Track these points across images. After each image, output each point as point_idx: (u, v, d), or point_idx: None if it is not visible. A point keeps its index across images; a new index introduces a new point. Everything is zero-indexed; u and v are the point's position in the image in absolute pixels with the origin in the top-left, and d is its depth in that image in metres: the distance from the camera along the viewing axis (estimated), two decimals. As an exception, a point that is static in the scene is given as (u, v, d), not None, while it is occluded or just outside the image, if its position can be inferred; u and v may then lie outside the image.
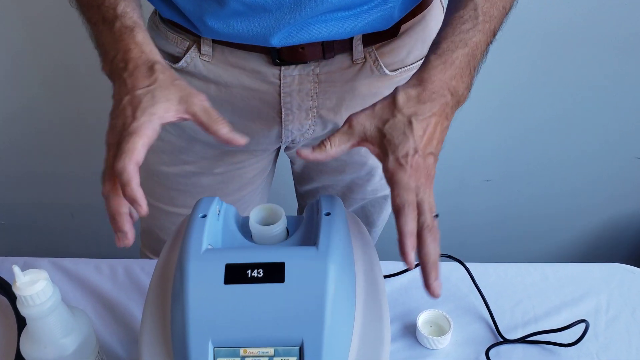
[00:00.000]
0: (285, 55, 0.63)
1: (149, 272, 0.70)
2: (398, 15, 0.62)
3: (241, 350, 0.42)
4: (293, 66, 0.64)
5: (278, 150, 0.81)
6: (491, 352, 0.60)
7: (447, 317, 0.62)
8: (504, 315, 0.64)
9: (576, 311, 0.65)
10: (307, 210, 0.53)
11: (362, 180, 0.80)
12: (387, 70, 0.67)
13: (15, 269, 0.46)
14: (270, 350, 0.42)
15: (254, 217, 0.50)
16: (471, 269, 0.65)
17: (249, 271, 0.43)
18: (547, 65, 1.14)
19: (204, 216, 0.48)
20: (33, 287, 0.47)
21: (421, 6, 0.67)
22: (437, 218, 0.46)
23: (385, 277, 0.52)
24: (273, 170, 0.85)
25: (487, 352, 0.60)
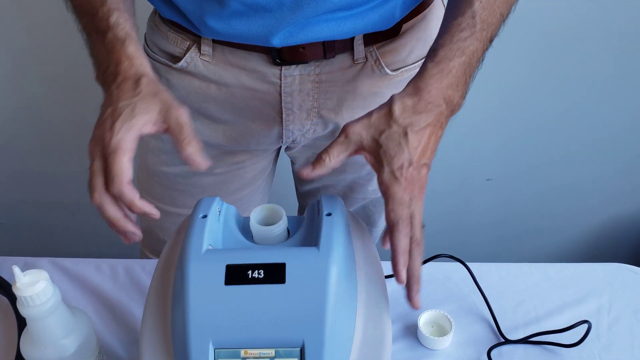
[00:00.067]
0: (286, 55, 0.62)
1: (149, 272, 0.70)
2: (399, 15, 0.62)
3: (242, 352, 0.42)
4: (294, 66, 0.64)
5: (278, 150, 0.81)
6: (493, 353, 0.60)
7: (449, 318, 0.62)
8: (505, 316, 0.64)
9: (578, 311, 0.65)
10: (308, 211, 0.53)
11: (363, 179, 0.80)
12: (388, 70, 0.67)
13: (15, 269, 0.46)
14: (271, 352, 0.42)
15: (255, 217, 0.50)
16: (473, 269, 0.65)
17: (250, 272, 0.43)
18: (547, 64, 1.14)
19: (205, 216, 0.48)
20: (33, 287, 0.46)
21: (422, 5, 0.67)
22: (423, 228, 0.48)
23: (386, 277, 0.52)
24: (274, 170, 0.85)
25: (489, 353, 0.60)
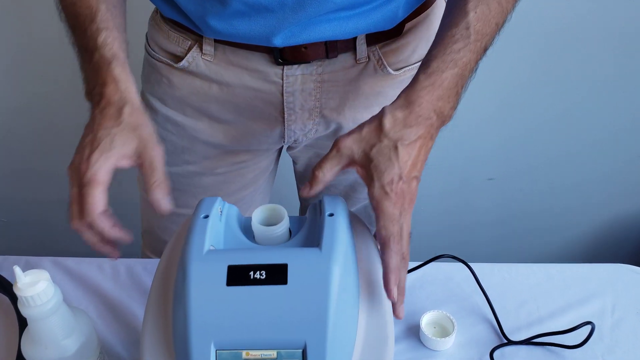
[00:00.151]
0: (287, 55, 0.62)
1: (151, 272, 0.69)
2: (402, 15, 0.62)
3: (243, 353, 0.42)
4: (296, 66, 0.64)
5: (280, 150, 0.80)
6: (495, 354, 0.60)
7: (451, 318, 0.61)
8: (508, 316, 0.64)
9: (581, 312, 0.64)
10: (309, 211, 0.53)
11: (365, 179, 0.80)
12: (391, 70, 0.66)
13: (16, 269, 0.46)
14: (273, 353, 0.41)
15: (257, 217, 0.50)
16: (475, 269, 0.65)
17: (252, 273, 0.43)
18: (548, 64, 1.13)
19: (206, 217, 0.48)
20: (34, 287, 0.46)
21: (425, 5, 0.66)
22: (410, 237, 0.49)
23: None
24: (275, 169, 0.84)
25: (491, 354, 0.60)
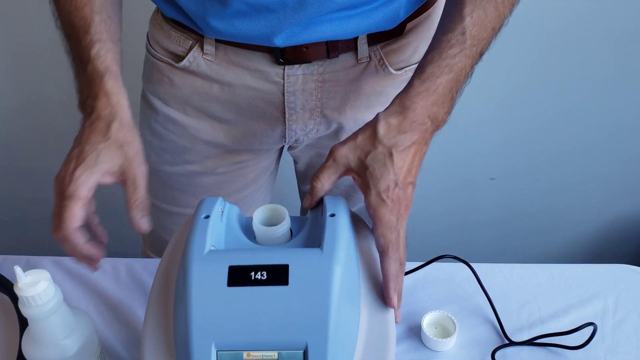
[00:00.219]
0: (288, 55, 0.62)
1: (151, 272, 0.69)
2: (404, 15, 0.62)
3: (244, 354, 0.41)
4: (297, 66, 0.63)
5: (281, 149, 0.80)
6: (497, 355, 0.60)
7: (453, 319, 0.61)
8: (510, 317, 0.63)
9: (583, 313, 0.64)
10: (311, 211, 0.53)
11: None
12: (392, 70, 0.66)
13: (17, 269, 0.46)
14: (274, 354, 0.41)
15: (258, 217, 0.49)
16: (477, 269, 0.65)
17: (253, 273, 0.42)
18: (550, 63, 1.13)
19: (207, 217, 0.48)
20: (35, 287, 0.46)
21: (427, 5, 0.66)
22: (405, 243, 0.49)
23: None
24: (276, 169, 0.84)
25: (493, 355, 0.60)
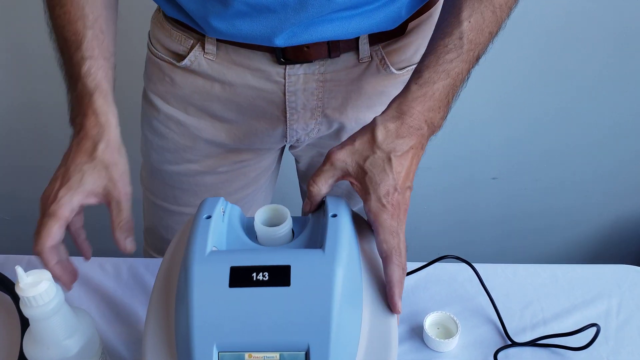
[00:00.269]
0: (290, 55, 0.62)
1: (153, 271, 0.69)
2: (406, 15, 0.61)
3: (246, 355, 0.41)
4: (298, 65, 0.63)
5: (283, 149, 0.80)
6: (499, 355, 0.60)
7: (455, 319, 0.61)
8: (512, 318, 0.63)
9: (586, 314, 0.64)
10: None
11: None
12: (393, 69, 0.66)
13: (18, 269, 0.46)
14: (276, 355, 0.41)
15: (259, 218, 0.49)
16: (479, 269, 0.64)
17: (254, 274, 0.42)
18: (552, 63, 1.13)
19: (209, 217, 0.48)
20: (36, 288, 0.46)
21: (429, 4, 0.66)
22: (406, 247, 0.50)
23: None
24: (278, 168, 0.84)
25: (495, 355, 0.59)
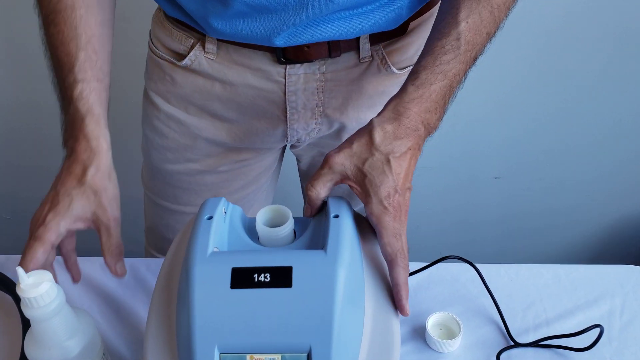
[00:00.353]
0: (290, 54, 0.62)
1: (154, 271, 0.69)
2: (406, 14, 0.61)
3: (247, 357, 0.41)
4: (298, 65, 0.63)
5: (284, 148, 0.80)
6: (502, 356, 0.59)
7: (457, 320, 0.61)
8: (515, 318, 0.63)
9: (589, 314, 0.63)
10: (314, 212, 0.52)
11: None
12: (394, 69, 0.66)
13: (19, 270, 0.46)
14: (278, 357, 0.41)
15: (261, 218, 0.49)
16: (482, 270, 0.64)
17: (256, 275, 0.42)
18: (555, 62, 1.12)
19: (210, 218, 0.47)
20: (37, 289, 0.46)
21: (430, 4, 0.66)
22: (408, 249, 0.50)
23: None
24: (279, 168, 0.84)
25: (498, 356, 0.59)
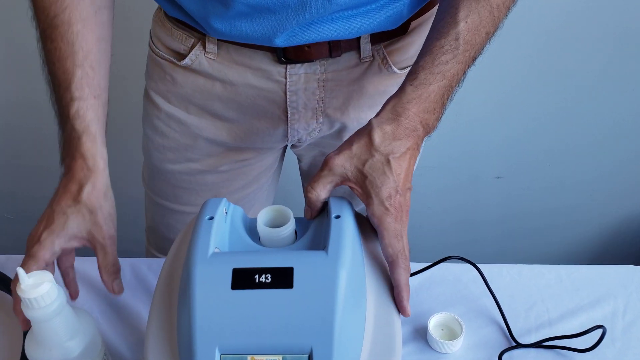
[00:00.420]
0: (291, 54, 0.61)
1: (155, 271, 0.69)
2: (407, 14, 0.61)
3: (248, 358, 0.41)
4: (299, 65, 0.63)
5: (285, 148, 0.80)
6: (504, 357, 0.59)
7: (459, 320, 0.60)
8: (517, 319, 0.63)
9: (592, 315, 0.63)
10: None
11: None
12: (395, 69, 0.65)
13: (20, 271, 0.46)
14: (279, 358, 0.41)
15: (262, 219, 0.49)
16: (484, 270, 0.64)
17: (257, 276, 0.42)
18: (556, 62, 1.12)
19: (211, 218, 0.47)
20: (37, 289, 0.46)
21: (431, 3, 0.65)
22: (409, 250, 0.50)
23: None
24: (280, 167, 0.84)
25: (500, 357, 0.59)
